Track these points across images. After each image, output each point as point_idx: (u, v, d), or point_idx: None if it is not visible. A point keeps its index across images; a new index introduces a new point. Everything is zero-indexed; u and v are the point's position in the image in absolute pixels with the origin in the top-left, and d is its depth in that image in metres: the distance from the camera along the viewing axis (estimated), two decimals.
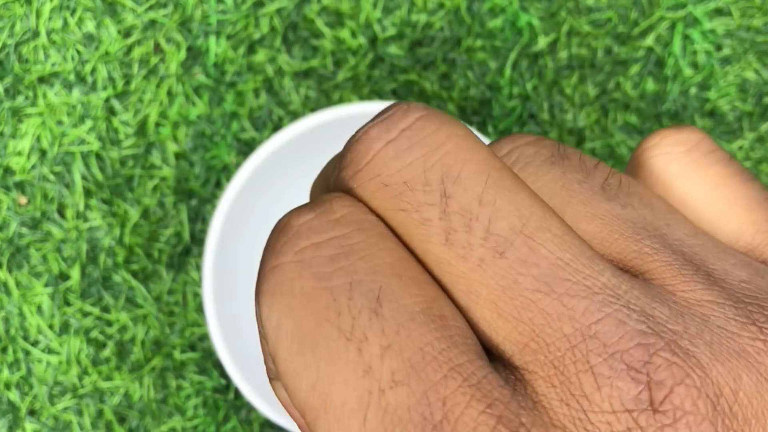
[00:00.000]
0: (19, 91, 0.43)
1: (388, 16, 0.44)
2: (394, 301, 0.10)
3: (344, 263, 0.10)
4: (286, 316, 0.10)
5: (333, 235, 0.10)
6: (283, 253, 0.10)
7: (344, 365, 0.10)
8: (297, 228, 0.10)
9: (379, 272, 0.10)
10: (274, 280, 0.10)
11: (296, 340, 0.10)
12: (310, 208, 0.11)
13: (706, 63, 0.44)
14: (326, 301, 0.10)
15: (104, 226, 0.43)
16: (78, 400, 0.43)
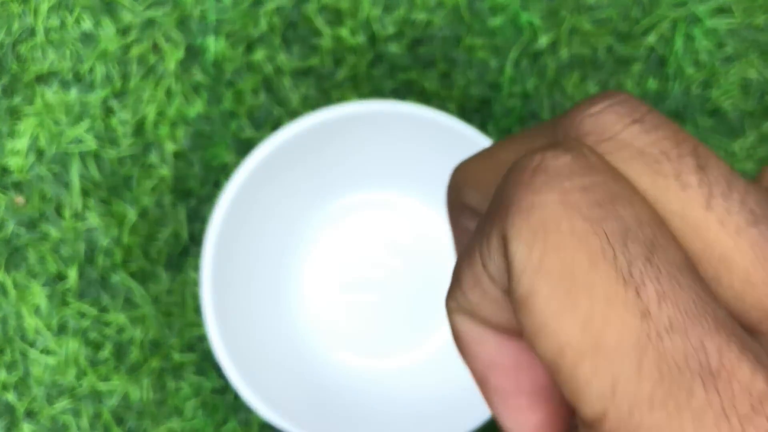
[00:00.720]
0: (17, 90, 0.43)
1: (388, 15, 0.43)
2: (663, 252, 0.10)
3: (611, 209, 0.10)
4: (553, 253, 0.10)
5: (596, 180, 0.10)
6: (544, 192, 0.10)
7: (622, 306, 0.10)
8: (557, 168, 0.10)
9: (645, 223, 0.10)
10: (536, 216, 0.10)
11: (565, 281, 0.10)
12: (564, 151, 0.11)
13: (708, 62, 0.44)
14: (601, 243, 0.10)
15: (102, 226, 0.43)
16: (76, 401, 0.42)
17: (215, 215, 0.36)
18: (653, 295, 0.10)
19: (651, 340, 0.10)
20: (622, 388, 0.10)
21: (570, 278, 0.10)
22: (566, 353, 0.10)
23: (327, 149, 0.39)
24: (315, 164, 0.40)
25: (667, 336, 0.10)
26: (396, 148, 0.40)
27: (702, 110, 0.44)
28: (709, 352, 0.09)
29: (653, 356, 0.09)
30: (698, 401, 0.09)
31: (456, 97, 0.43)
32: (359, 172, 0.41)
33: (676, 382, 0.09)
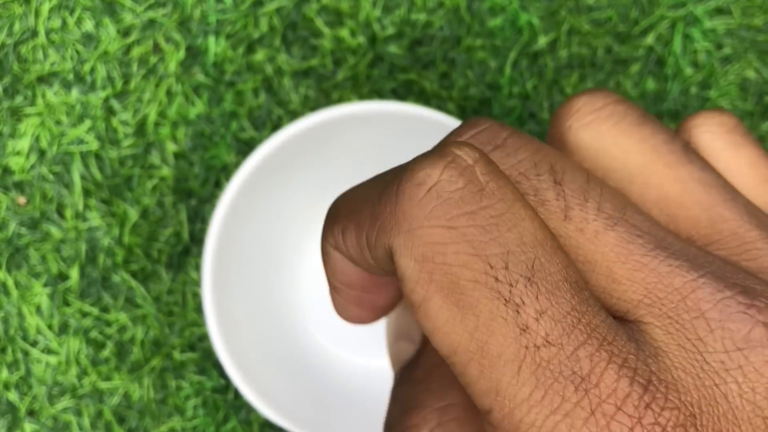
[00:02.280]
0: (18, 91, 0.43)
1: (388, 15, 0.43)
2: (542, 270, 0.11)
3: (496, 234, 0.11)
4: (441, 272, 0.11)
5: (482, 205, 0.11)
6: (433, 217, 0.11)
7: (503, 323, 0.11)
8: (448, 194, 0.12)
9: (527, 243, 0.11)
10: (425, 240, 0.11)
11: (453, 295, 0.11)
12: (458, 174, 0.12)
13: (707, 62, 0.44)
14: (484, 268, 0.11)
15: (103, 226, 0.43)
16: (77, 400, 0.43)
17: (216, 215, 0.37)
18: (532, 312, 0.11)
19: (529, 351, 0.11)
20: (504, 390, 0.11)
21: (458, 294, 0.11)
22: (458, 353, 0.11)
23: (327, 149, 0.39)
24: (315, 164, 0.40)
25: (544, 347, 0.11)
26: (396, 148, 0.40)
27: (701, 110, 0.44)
28: (581, 361, 0.11)
29: (531, 365, 0.11)
30: (570, 404, 0.11)
31: (456, 98, 0.43)
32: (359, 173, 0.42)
33: (552, 387, 0.11)
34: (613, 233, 0.12)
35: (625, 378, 0.11)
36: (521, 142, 0.13)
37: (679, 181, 0.14)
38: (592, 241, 0.12)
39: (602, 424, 0.10)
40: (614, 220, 0.12)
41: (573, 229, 0.12)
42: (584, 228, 0.12)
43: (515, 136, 0.13)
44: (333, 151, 0.39)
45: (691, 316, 0.11)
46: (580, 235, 0.12)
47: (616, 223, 0.12)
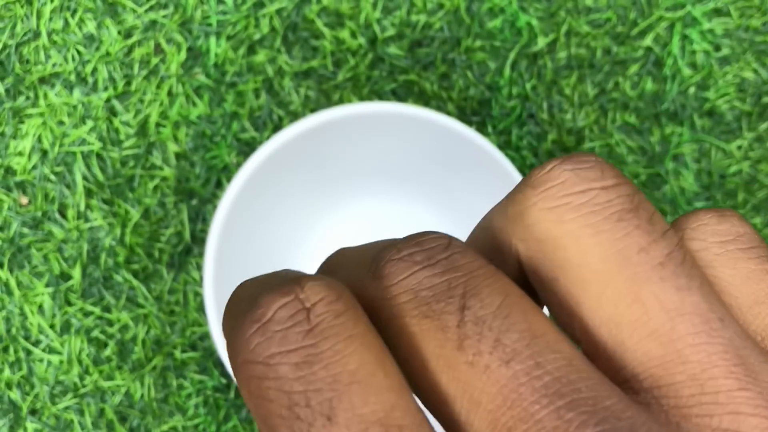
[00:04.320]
0: (20, 92, 0.43)
1: (388, 17, 0.44)
2: (349, 410, 0.11)
3: (306, 372, 0.11)
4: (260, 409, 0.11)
5: (303, 344, 0.11)
6: (256, 353, 0.12)
7: None
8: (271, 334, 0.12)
9: (338, 381, 0.11)
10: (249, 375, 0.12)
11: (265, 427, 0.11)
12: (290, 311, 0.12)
13: (705, 63, 0.44)
14: (288, 404, 0.11)
15: (105, 226, 0.43)
16: (79, 399, 0.43)
17: (217, 215, 0.37)
18: None
19: None
20: None
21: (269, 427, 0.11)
22: None
23: (327, 150, 0.39)
24: (316, 165, 0.40)
25: None
26: (396, 149, 0.40)
27: (699, 111, 0.44)
28: None
29: None
30: None
31: (455, 98, 0.44)
32: (359, 173, 0.42)
33: None
34: (506, 370, 0.11)
35: None
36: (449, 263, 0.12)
37: (639, 301, 0.11)
38: (480, 377, 0.11)
39: None
40: (511, 355, 0.11)
41: (463, 361, 0.11)
42: (475, 361, 0.11)
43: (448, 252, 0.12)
44: (333, 151, 0.40)
45: None
46: (469, 369, 0.11)
47: (512, 358, 0.11)
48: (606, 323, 0.12)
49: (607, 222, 0.12)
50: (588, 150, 0.44)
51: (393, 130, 0.38)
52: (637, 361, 0.11)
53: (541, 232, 0.12)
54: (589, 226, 0.12)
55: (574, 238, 0.12)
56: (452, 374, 0.11)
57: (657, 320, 0.11)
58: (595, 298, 0.12)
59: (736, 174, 0.44)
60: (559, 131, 0.44)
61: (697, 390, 0.11)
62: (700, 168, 0.44)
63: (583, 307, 0.12)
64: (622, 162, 0.44)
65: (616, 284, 0.12)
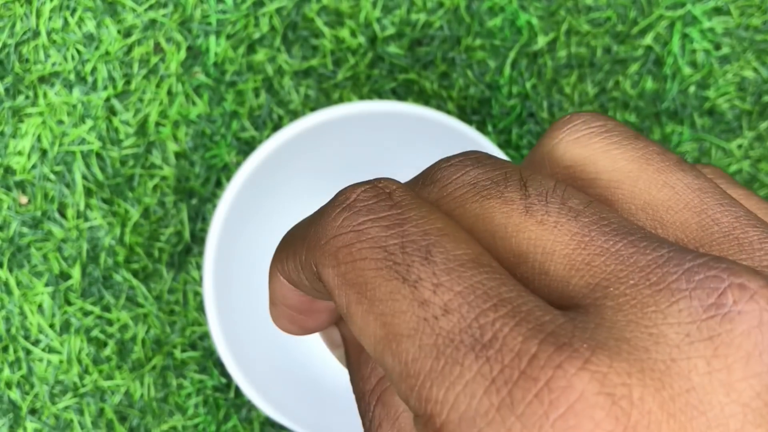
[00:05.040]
0: (20, 91, 0.43)
1: (388, 16, 0.44)
2: (444, 252, 0.11)
3: (398, 229, 0.12)
4: (350, 269, 0.12)
5: (390, 213, 0.12)
6: (344, 226, 0.12)
7: (402, 300, 0.11)
8: (358, 207, 0.12)
9: (429, 233, 0.12)
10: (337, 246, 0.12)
11: (363, 289, 0.12)
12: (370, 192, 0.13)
13: (705, 62, 0.44)
14: (383, 255, 0.12)
15: (105, 226, 0.43)
16: (79, 399, 0.43)
17: (217, 214, 0.37)
18: (429, 286, 0.11)
19: (428, 322, 0.11)
20: (409, 367, 0.11)
21: (365, 286, 0.12)
22: (376, 348, 0.11)
23: (327, 149, 0.39)
24: (316, 164, 0.40)
25: (443, 317, 0.11)
26: (396, 148, 0.40)
27: (699, 110, 0.44)
28: (483, 327, 0.10)
29: (430, 336, 0.11)
30: (470, 372, 0.10)
31: (455, 97, 0.43)
32: (359, 172, 0.42)
33: (451, 357, 0.10)
34: (575, 223, 0.12)
35: (532, 339, 0.10)
36: (499, 163, 0.14)
37: (668, 185, 0.13)
38: (552, 231, 0.12)
39: (503, 392, 0.10)
40: (577, 212, 0.12)
41: (533, 222, 0.12)
42: (544, 220, 0.12)
43: (495, 159, 0.14)
44: (333, 150, 0.40)
45: (653, 290, 0.11)
46: (539, 227, 0.12)
47: (579, 214, 0.12)
48: (643, 208, 0.13)
49: (627, 139, 0.14)
50: None
51: (393, 129, 0.38)
52: (678, 230, 0.13)
53: (569, 158, 0.14)
54: (613, 144, 0.14)
55: (603, 152, 0.14)
56: (523, 236, 0.12)
57: (687, 196, 0.13)
58: (629, 191, 0.13)
59: (737, 173, 0.44)
60: None
61: (735, 242, 0.12)
62: None
63: (619, 202, 0.13)
64: None
65: (646, 176, 0.13)
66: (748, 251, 0.12)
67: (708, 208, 0.13)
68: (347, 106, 0.36)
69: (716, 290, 0.10)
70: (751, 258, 0.12)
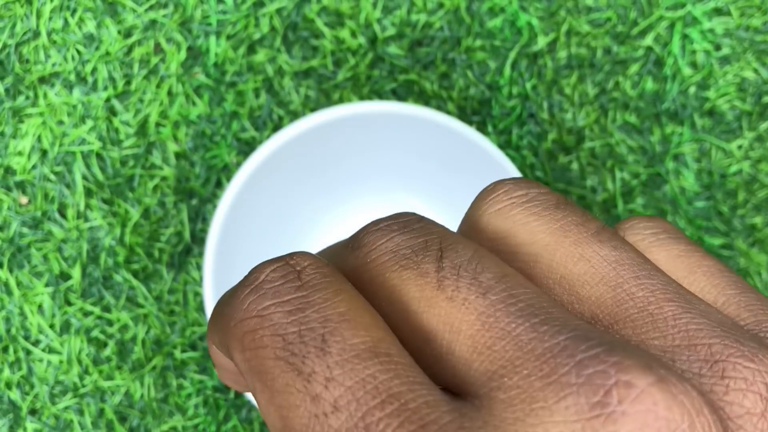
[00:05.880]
0: (20, 91, 0.43)
1: (388, 16, 0.44)
2: (340, 342, 0.11)
3: (299, 315, 0.12)
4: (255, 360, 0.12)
5: (295, 296, 0.12)
6: (249, 310, 0.12)
7: (296, 394, 0.11)
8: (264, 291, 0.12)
9: (329, 320, 0.12)
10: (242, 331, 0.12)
11: (264, 378, 0.12)
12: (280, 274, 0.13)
13: (705, 62, 0.44)
14: (281, 345, 0.12)
15: (105, 226, 0.43)
16: (79, 399, 0.43)
17: (217, 215, 0.37)
18: (321, 380, 0.11)
19: (318, 419, 0.11)
20: None
21: (266, 375, 0.12)
22: None
23: (327, 150, 0.39)
24: (316, 164, 0.40)
25: (332, 415, 0.11)
26: (396, 149, 0.40)
27: (699, 111, 0.44)
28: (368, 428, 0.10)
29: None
30: None
31: (455, 98, 0.44)
32: (359, 172, 0.42)
33: None
34: (483, 300, 0.12)
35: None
36: (426, 228, 0.13)
37: (584, 258, 0.13)
38: (460, 308, 0.12)
39: None
40: (486, 289, 0.12)
41: (444, 298, 0.12)
42: (454, 296, 0.12)
43: (423, 223, 0.14)
44: (333, 151, 0.40)
45: (544, 382, 0.10)
46: (449, 303, 0.12)
47: (488, 291, 0.12)
48: (560, 282, 0.13)
49: (547, 209, 0.14)
50: (588, 149, 0.44)
51: (393, 129, 0.38)
52: (593, 305, 0.13)
53: (492, 231, 0.14)
54: (533, 214, 0.14)
55: (522, 225, 0.14)
56: (433, 311, 0.12)
57: (602, 270, 0.13)
58: (547, 265, 0.13)
59: (737, 173, 0.44)
60: (560, 131, 0.44)
61: (648, 318, 0.12)
62: (701, 168, 0.44)
63: (537, 277, 0.13)
64: (623, 161, 0.43)
65: (563, 250, 0.13)
66: (662, 328, 0.12)
67: (624, 282, 0.13)
68: (347, 107, 0.36)
69: (602, 387, 0.10)
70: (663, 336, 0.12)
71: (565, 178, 0.44)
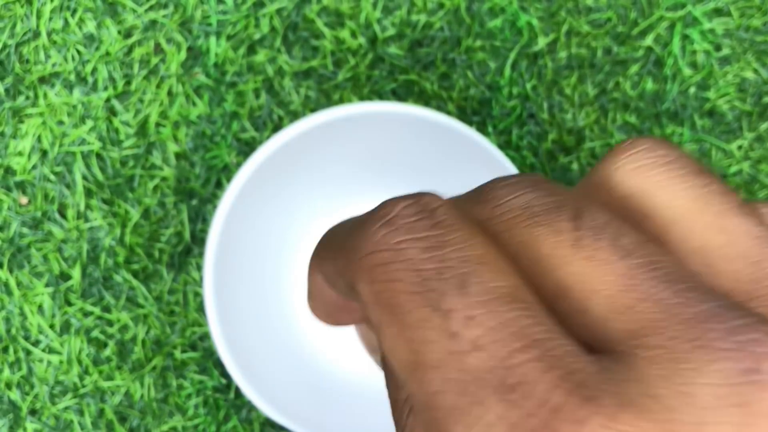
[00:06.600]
0: (20, 92, 0.43)
1: (388, 16, 0.44)
2: (480, 283, 0.11)
3: (436, 253, 0.12)
4: (385, 292, 0.12)
5: (431, 233, 0.12)
6: (382, 243, 0.12)
7: (432, 330, 0.11)
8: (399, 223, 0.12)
9: (467, 260, 0.12)
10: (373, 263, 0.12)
11: (394, 311, 0.12)
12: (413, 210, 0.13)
13: (706, 63, 0.44)
14: (417, 279, 0.11)
15: (105, 226, 0.43)
16: (79, 399, 0.43)
17: (217, 215, 0.37)
18: (461, 318, 0.11)
19: (456, 356, 0.11)
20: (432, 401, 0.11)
21: (397, 309, 0.11)
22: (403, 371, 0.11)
23: (328, 150, 0.39)
24: (316, 165, 0.40)
25: (472, 353, 0.11)
26: (396, 149, 0.40)
27: (699, 111, 0.44)
28: (511, 369, 0.10)
29: (457, 371, 0.11)
30: (494, 415, 0.10)
31: (455, 98, 0.43)
32: (359, 173, 0.42)
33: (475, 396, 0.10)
34: (624, 263, 0.12)
35: (559, 388, 0.10)
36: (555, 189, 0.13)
37: (725, 231, 0.13)
38: (598, 269, 0.12)
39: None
40: (627, 252, 0.12)
41: (581, 257, 0.12)
42: (593, 256, 0.12)
43: (551, 183, 0.14)
44: (333, 151, 0.40)
45: (692, 345, 0.10)
46: (586, 263, 0.12)
47: (629, 254, 0.12)
48: (697, 252, 0.13)
49: (690, 175, 0.14)
50: (588, 150, 0.44)
51: (393, 130, 0.38)
52: (730, 280, 0.13)
53: (627, 188, 0.14)
54: (675, 177, 0.14)
55: (662, 187, 0.14)
56: (568, 270, 0.12)
57: (743, 245, 0.13)
58: (684, 232, 0.13)
59: (737, 174, 0.44)
60: (560, 131, 0.44)
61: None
62: None
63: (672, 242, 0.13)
64: None
65: (704, 219, 0.13)
66: None
67: (764, 260, 0.13)
68: (347, 107, 0.36)
69: (755, 355, 0.10)
70: None
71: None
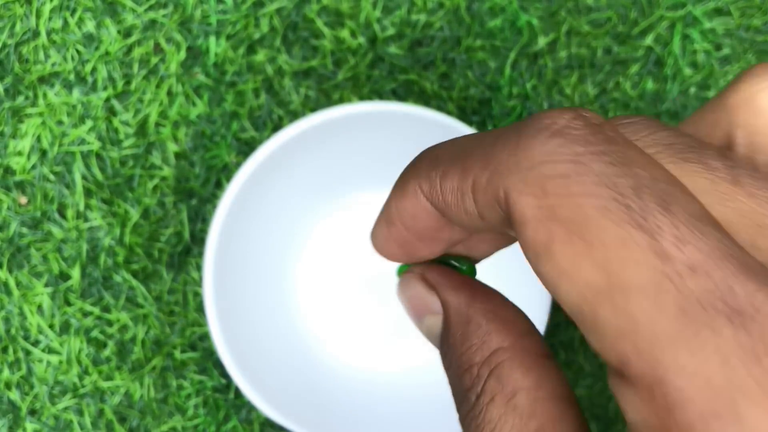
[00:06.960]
0: (20, 91, 0.43)
1: (388, 16, 0.44)
2: (680, 204, 0.10)
3: (626, 169, 0.11)
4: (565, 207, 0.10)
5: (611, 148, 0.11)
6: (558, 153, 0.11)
7: (637, 249, 0.10)
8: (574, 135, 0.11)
9: (660, 180, 0.11)
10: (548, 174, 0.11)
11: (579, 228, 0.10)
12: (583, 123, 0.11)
13: (706, 62, 0.44)
14: (611, 195, 0.10)
15: (104, 226, 0.43)
16: (78, 399, 0.43)
17: (217, 215, 0.37)
18: (671, 239, 0.10)
19: (671, 279, 0.10)
20: (644, 327, 0.10)
21: (584, 225, 0.10)
22: (586, 296, 0.10)
23: (327, 150, 0.39)
24: (315, 165, 0.40)
25: (689, 276, 0.10)
26: (396, 149, 0.40)
27: None
28: (736, 293, 0.09)
29: (674, 294, 0.10)
30: (724, 340, 0.09)
31: (455, 98, 0.43)
32: (359, 173, 0.42)
33: (700, 320, 0.09)
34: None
35: None
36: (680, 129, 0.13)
37: None
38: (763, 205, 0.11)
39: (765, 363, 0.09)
40: None
41: (743, 193, 0.12)
42: (755, 194, 0.12)
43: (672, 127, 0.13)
44: (333, 151, 0.40)
45: None
46: (750, 199, 0.12)
47: None
48: None
49: None
50: None
51: (393, 129, 0.38)
52: None
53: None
54: None
55: None
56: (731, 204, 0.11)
57: None
58: None
59: None
60: None
61: None
62: None
63: None
64: None
65: None
66: None
67: None
68: (347, 107, 0.36)
69: None
70: None
71: None
